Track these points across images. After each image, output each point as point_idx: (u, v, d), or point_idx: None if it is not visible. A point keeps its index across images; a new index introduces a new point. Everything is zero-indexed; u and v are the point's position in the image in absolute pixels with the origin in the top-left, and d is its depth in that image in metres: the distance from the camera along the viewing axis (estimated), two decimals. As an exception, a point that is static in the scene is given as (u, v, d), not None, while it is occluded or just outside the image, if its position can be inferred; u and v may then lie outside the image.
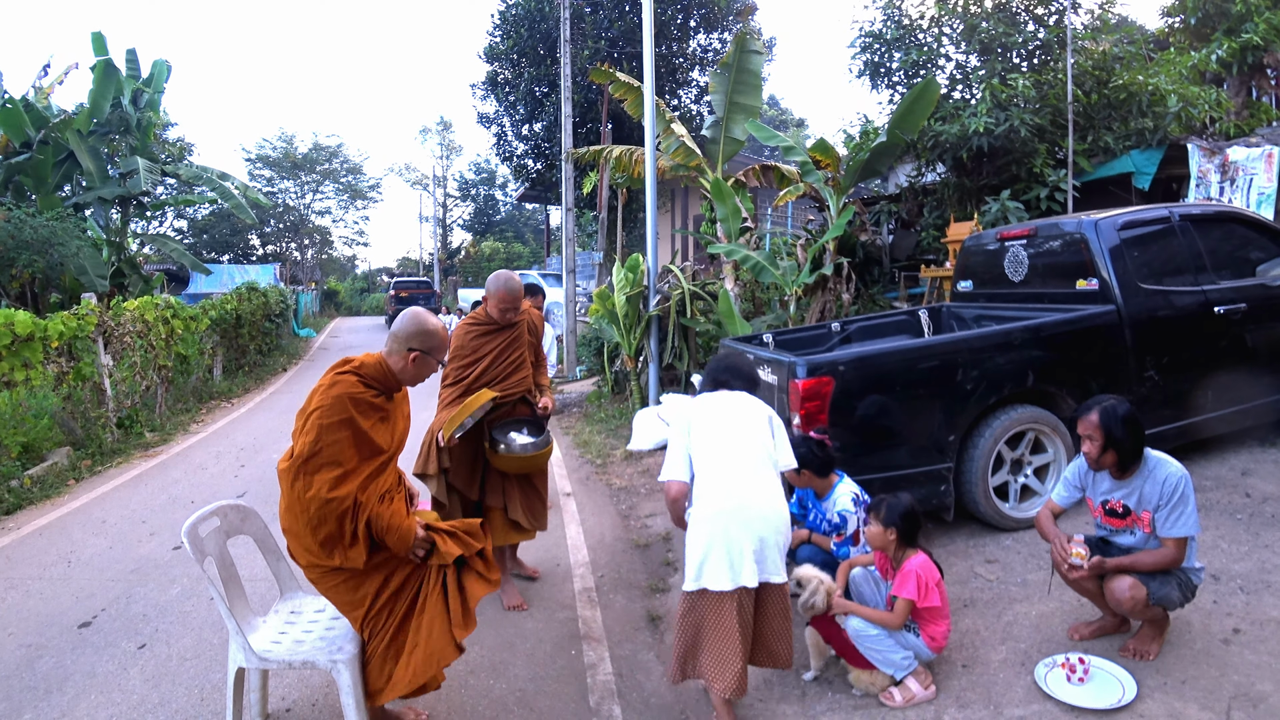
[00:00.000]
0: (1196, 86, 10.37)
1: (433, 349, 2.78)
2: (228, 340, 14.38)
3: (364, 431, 2.59)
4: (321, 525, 2.53)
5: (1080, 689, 2.83)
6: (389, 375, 2.73)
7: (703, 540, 2.75)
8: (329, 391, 2.57)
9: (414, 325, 2.76)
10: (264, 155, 41.46)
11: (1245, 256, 5.22)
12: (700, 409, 3.02)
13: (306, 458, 2.50)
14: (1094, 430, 2.95)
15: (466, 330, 4.13)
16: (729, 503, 2.75)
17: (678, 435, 2.97)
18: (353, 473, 2.55)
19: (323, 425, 2.51)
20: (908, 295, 10.51)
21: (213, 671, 3.53)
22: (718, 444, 2.89)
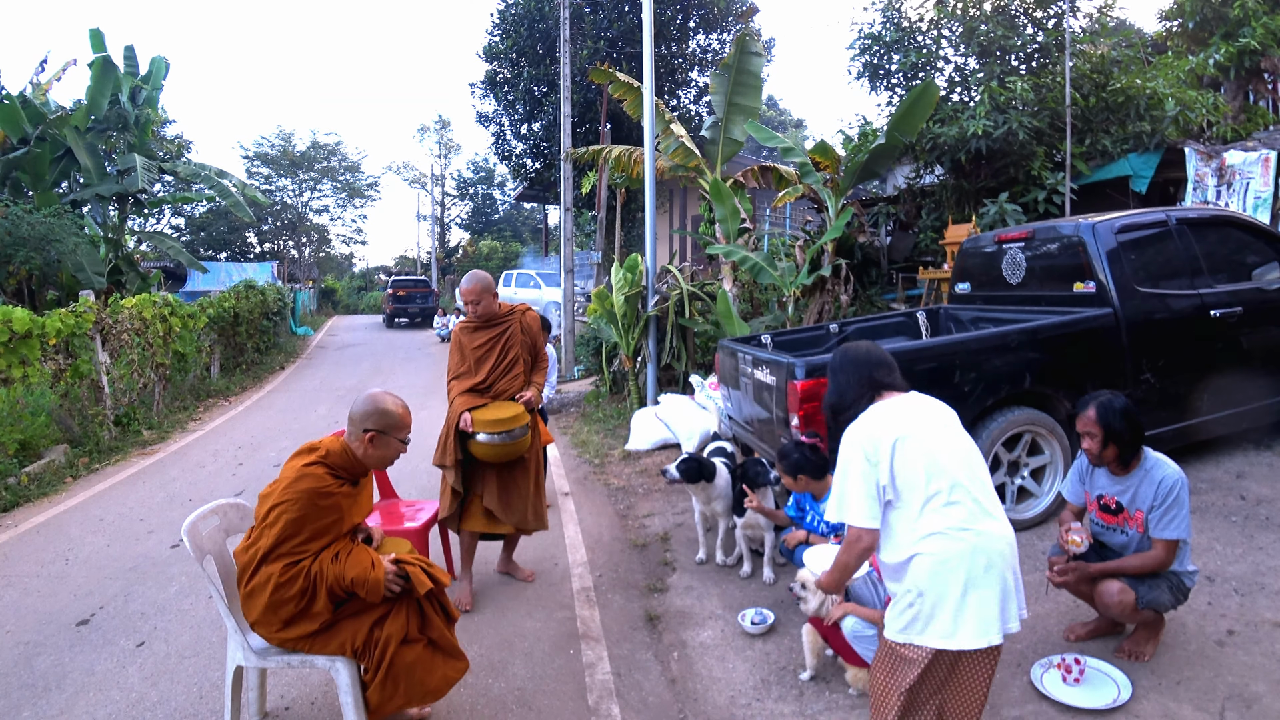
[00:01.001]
0: (1194, 90, 10.41)
1: (388, 427, 2.72)
2: (225, 338, 14.37)
3: (329, 524, 2.63)
4: (283, 606, 2.57)
5: (1076, 689, 2.85)
6: (354, 461, 2.72)
7: (939, 584, 2.17)
8: (295, 485, 2.57)
9: (368, 405, 2.73)
10: (262, 153, 41.39)
11: (1241, 260, 5.24)
12: (883, 426, 2.34)
13: (270, 550, 2.55)
14: (1093, 426, 2.97)
15: (460, 328, 4.24)
16: (973, 539, 2.18)
17: (856, 466, 2.30)
18: (313, 553, 2.61)
19: (289, 521, 2.54)
20: (905, 297, 10.53)
21: (211, 669, 3.53)
22: (934, 465, 2.25)
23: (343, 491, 2.67)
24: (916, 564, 2.21)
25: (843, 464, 2.35)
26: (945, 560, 2.17)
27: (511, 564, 4.46)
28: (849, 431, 2.39)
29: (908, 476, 2.24)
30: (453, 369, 4.21)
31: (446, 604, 2.84)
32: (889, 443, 2.27)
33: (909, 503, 2.24)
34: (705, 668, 3.39)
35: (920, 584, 2.19)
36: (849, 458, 2.33)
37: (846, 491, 2.31)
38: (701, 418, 6.79)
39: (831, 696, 3.05)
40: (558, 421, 8.98)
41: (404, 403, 2.84)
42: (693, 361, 8.61)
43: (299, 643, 2.65)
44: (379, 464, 2.78)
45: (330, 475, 2.64)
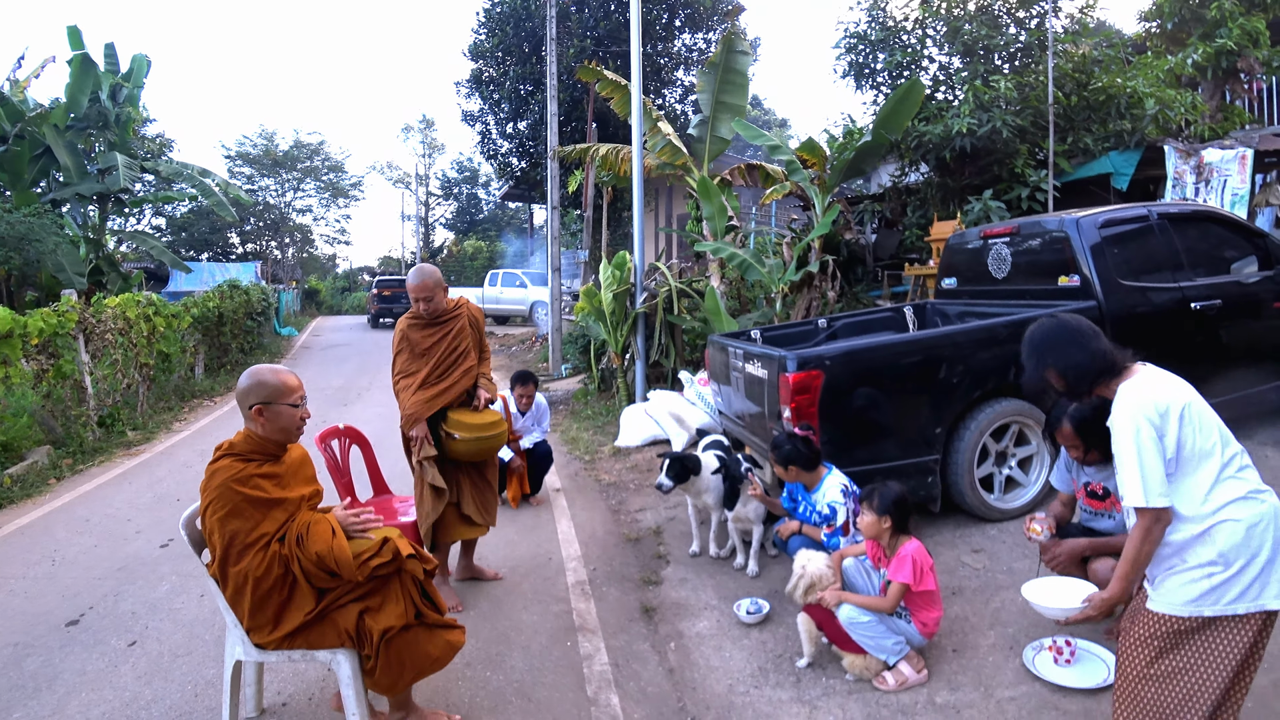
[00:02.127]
0: (1173, 90, 10.57)
1: (272, 396, 2.68)
2: (210, 338, 14.25)
3: (262, 499, 2.60)
4: (268, 600, 2.58)
5: (1067, 670, 2.92)
6: (260, 441, 2.70)
7: (1253, 548, 2.05)
8: (210, 484, 2.57)
9: (247, 381, 2.71)
10: (244, 152, 41.04)
11: (1221, 254, 5.35)
12: (1166, 394, 2.15)
13: (224, 555, 2.56)
14: (1072, 439, 3.08)
15: (408, 325, 4.07)
16: (1272, 500, 2.12)
17: (1149, 443, 2.09)
18: (271, 534, 2.60)
19: (222, 519, 2.54)
20: (891, 294, 10.62)
21: (206, 667, 3.51)
22: (1224, 430, 2.17)
23: (262, 472, 2.64)
24: (1220, 532, 2.07)
25: (1132, 444, 2.10)
26: (1255, 524, 2.05)
27: (474, 567, 4.38)
28: (1125, 407, 2.17)
29: (1200, 444, 2.11)
30: (401, 368, 4.02)
31: (434, 594, 2.83)
32: (1177, 411, 2.11)
33: (1202, 470, 2.11)
34: (702, 657, 3.42)
35: (1227, 552, 2.05)
36: (1139, 435, 2.09)
37: (1148, 472, 2.07)
38: (691, 413, 6.83)
39: (829, 682, 3.10)
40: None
41: (286, 370, 2.80)
42: (681, 358, 8.64)
43: (295, 639, 2.65)
44: (283, 435, 2.73)
45: (240, 460, 2.62)
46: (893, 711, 2.87)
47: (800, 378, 3.99)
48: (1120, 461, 2.15)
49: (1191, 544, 2.09)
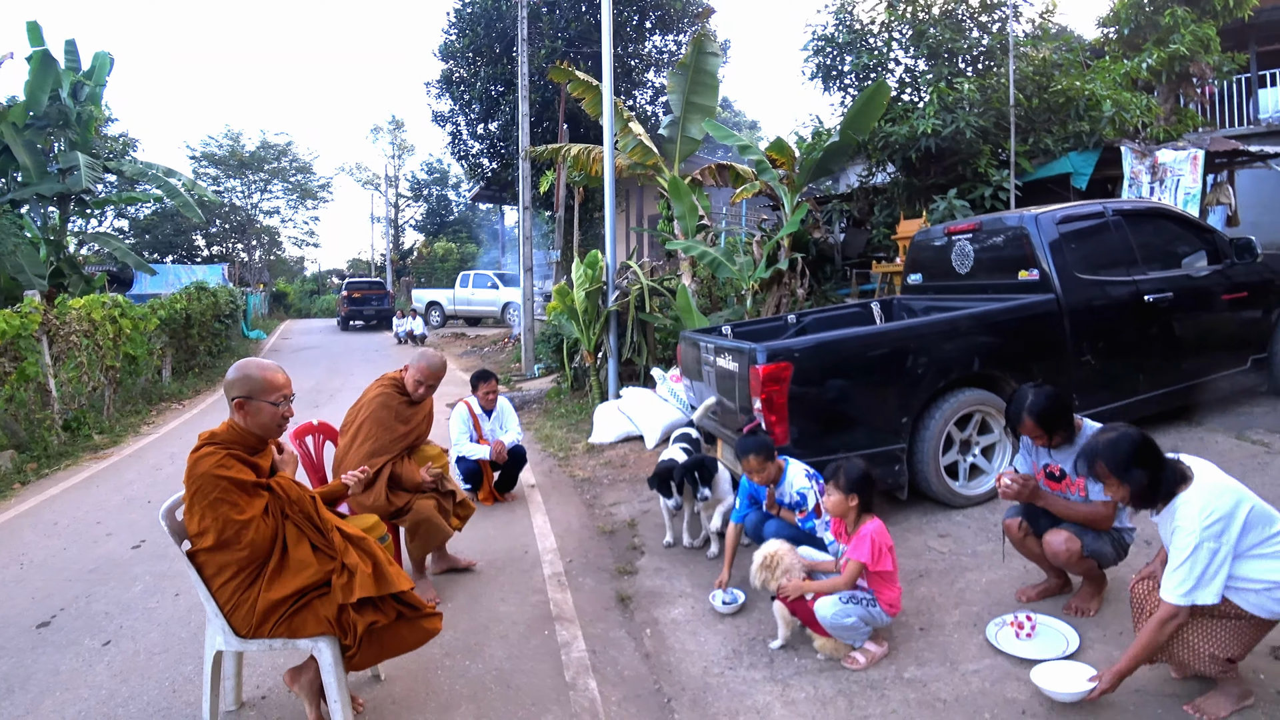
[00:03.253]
0: (1129, 93, 10.89)
1: (254, 392, 2.71)
2: (177, 341, 14.05)
3: (248, 483, 2.63)
4: (255, 549, 2.63)
5: (1028, 643, 3.05)
6: (242, 433, 2.73)
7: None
8: (194, 472, 2.59)
9: (233, 375, 2.74)
10: (210, 153, 40.42)
11: (1173, 250, 5.57)
12: (1219, 502, 2.40)
13: (219, 535, 2.58)
14: (1035, 430, 3.19)
15: (399, 401, 4.12)
16: None
17: (1205, 549, 2.37)
18: (261, 514, 2.64)
19: (208, 506, 2.56)
20: (859, 291, 10.81)
21: (183, 664, 3.51)
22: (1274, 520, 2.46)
23: (248, 460, 2.68)
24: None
25: (1189, 548, 2.37)
26: None
27: (449, 557, 4.41)
28: (1190, 516, 2.40)
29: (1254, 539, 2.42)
30: (373, 436, 4.00)
31: (414, 601, 2.84)
32: (1241, 517, 2.39)
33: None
34: (678, 642, 3.50)
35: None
36: (1200, 546, 2.37)
37: (1193, 575, 2.37)
38: (663, 410, 6.91)
39: (801, 662, 3.19)
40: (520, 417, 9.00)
41: (275, 366, 2.81)
42: (653, 355, 8.72)
43: (277, 627, 2.67)
44: (262, 430, 2.75)
45: (224, 450, 2.64)
46: (863, 687, 2.97)
47: (770, 369, 4.09)
48: (1175, 561, 2.41)
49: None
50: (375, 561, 2.77)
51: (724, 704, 2.98)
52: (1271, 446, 5.09)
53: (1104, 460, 2.53)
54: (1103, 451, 2.54)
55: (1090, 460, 2.59)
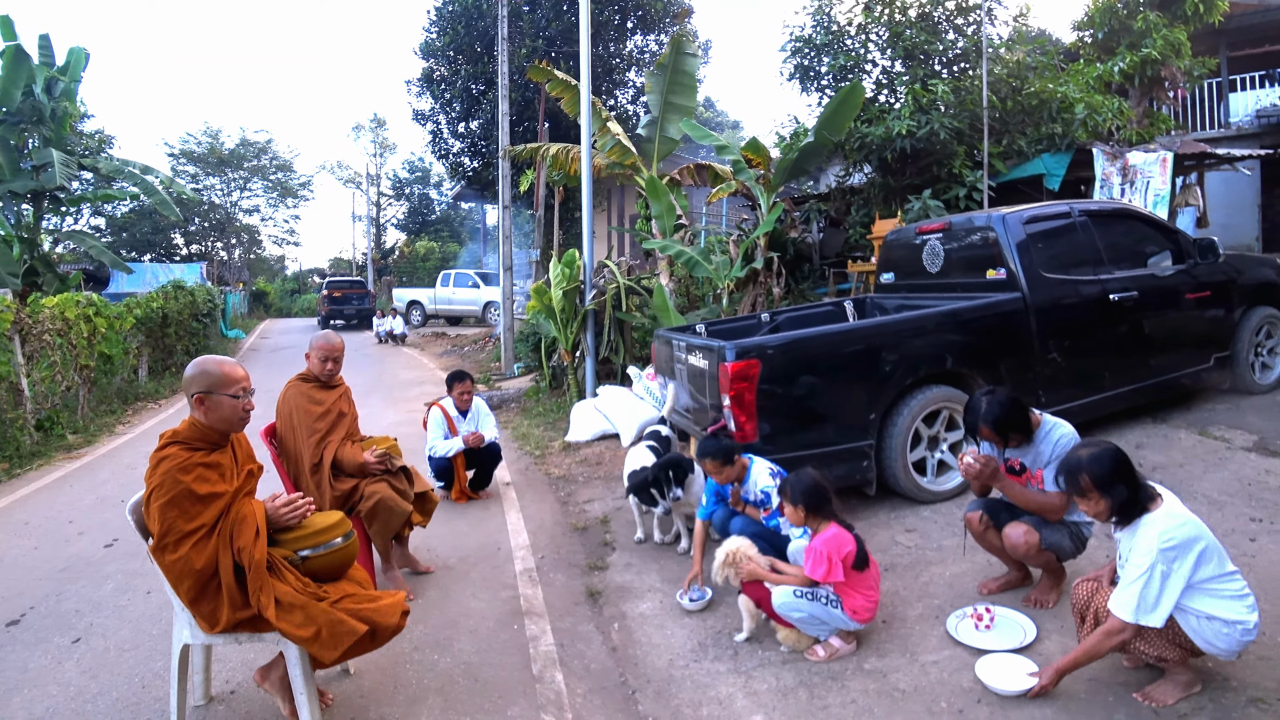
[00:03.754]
0: (1101, 96, 11.06)
1: (213, 386, 2.70)
2: (154, 340, 13.93)
3: (204, 495, 2.61)
4: (205, 589, 2.61)
5: (987, 634, 3.12)
6: (203, 430, 2.71)
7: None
8: (156, 471, 2.59)
9: (191, 370, 2.74)
10: (188, 150, 40.01)
11: (1138, 249, 5.68)
12: (1179, 532, 2.49)
13: (160, 543, 2.58)
14: (992, 436, 3.28)
15: (310, 386, 4.12)
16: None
17: (1158, 573, 2.46)
18: (208, 528, 2.62)
19: (162, 507, 2.55)
20: (837, 290, 10.92)
21: (154, 660, 3.51)
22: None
23: (207, 461, 2.67)
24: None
25: (1144, 571, 2.47)
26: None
27: (409, 557, 4.38)
28: (1149, 540, 2.49)
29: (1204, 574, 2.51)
30: (301, 424, 3.98)
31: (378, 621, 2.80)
32: (1201, 545, 2.49)
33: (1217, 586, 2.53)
34: (645, 635, 3.54)
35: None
36: (1153, 569, 2.46)
37: (1145, 598, 2.46)
38: (639, 408, 6.95)
39: (764, 654, 3.24)
40: (499, 416, 9.03)
41: (231, 361, 2.81)
42: (630, 354, 8.76)
43: (242, 624, 2.69)
44: (224, 425, 2.74)
45: (184, 449, 2.64)
46: (824, 678, 3.02)
47: (739, 367, 4.14)
48: (1129, 578, 2.52)
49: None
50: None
51: (687, 695, 3.03)
52: (1232, 442, 5.21)
53: (1088, 474, 2.60)
54: (1088, 466, 2.61)
55: (1073, 473, 2.64)
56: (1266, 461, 4.87)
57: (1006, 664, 2.90)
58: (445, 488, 5.71)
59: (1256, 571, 3.56)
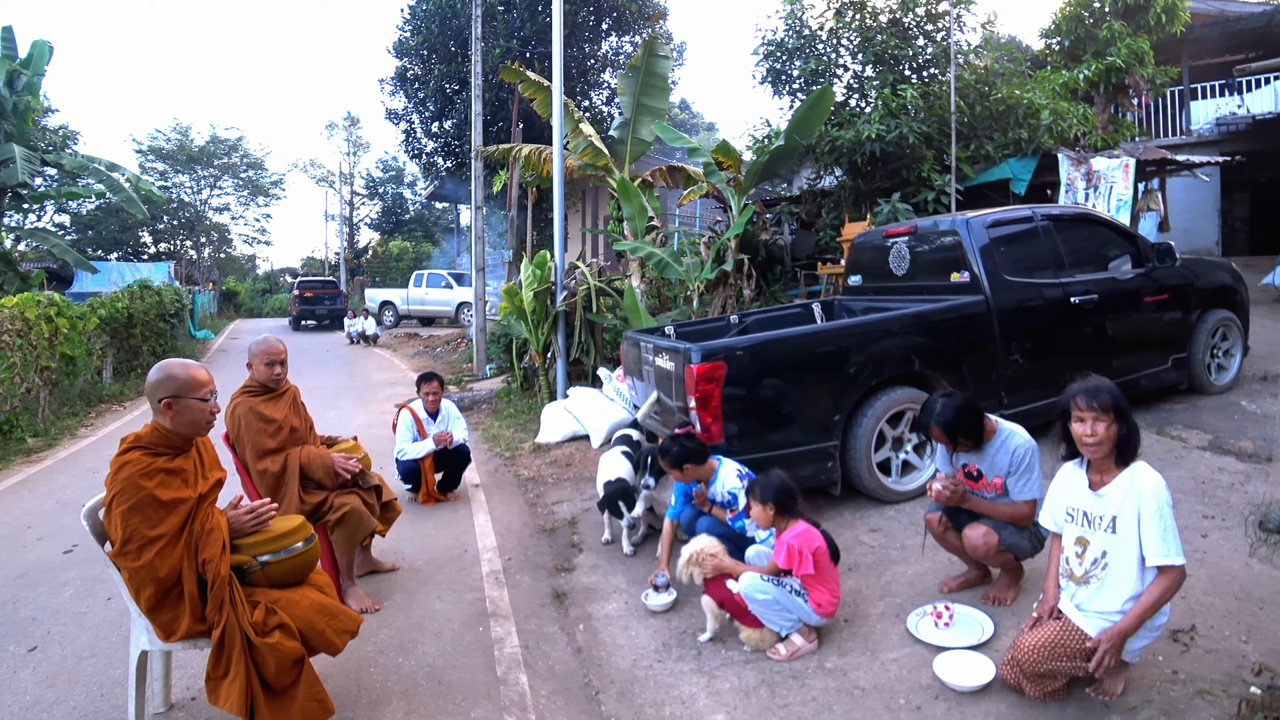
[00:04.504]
0: (1067, 102, 11.27)
1: (181, 390, 2.66)
2: (119, 341, 13.67)
3: (168, 501, 2.57)
4: (166, 599, 2.58)
5: (946, 632, 3.18)
6: (167, 435, 2.68)
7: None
8: (118, 476, 2.55)
9: (156, 375, 2.70)
10: (156, 147, 39.23)
11: (1099, 253, 5.80)
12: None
13: (122, 550, 2.53)
14: (941, 437, 3.34)
15: (260, 400, 3.96)
16: None
17: (1171, 510, 2.57)
18: (172, 536, 2.57)
19: (124, 513, 2.51)
20: (808, 292, 11.00)
21: (113, 668, 3.45)
22: None
23: (170, 466, 2.63)
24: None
25: (1167, 509, 2.54)
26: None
27: (374, 560, 4.38)
28: (1157, 479, 2.58)
29: None
30: (260, 445, 3.84)
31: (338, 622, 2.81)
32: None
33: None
34: (610, 636, 3.56)
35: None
36: (1171, 505, 2.55)
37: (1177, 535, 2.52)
38: (609, 409, 6.96)
39: (728, 654, 3.27)
40: (469, 418, 8.99)
41: (196, 364, 2.78)
42: (601, 356, 8.77)
43: (201, 634, 2.66)
44: (191, 429, 2.71)
45: (148, 454, 2.60)
46: (785, 676, 3.06)
47: (704, 369, 4.17)
48: (1154, 522, 2.51)
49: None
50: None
51: (651, 695, 3.05)
52: (1189, 442, 5.34)
53: (1110, 393, 2.64)
54: (1111, 387, 2.66)
55: (1097, 391, 2.66)
56: (1220, 460, 4.99)
57: (963, 660, 2.96)
58: (413, 490, 5.68)
59: (1207, 566, 3.66)
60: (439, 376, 5.85)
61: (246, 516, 2.78)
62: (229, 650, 2.54)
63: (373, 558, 4.39)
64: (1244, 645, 2.98)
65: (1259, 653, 2.91)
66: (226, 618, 2.55)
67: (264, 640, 2.55)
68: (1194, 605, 3.31)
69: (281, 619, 2.62)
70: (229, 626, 2.55)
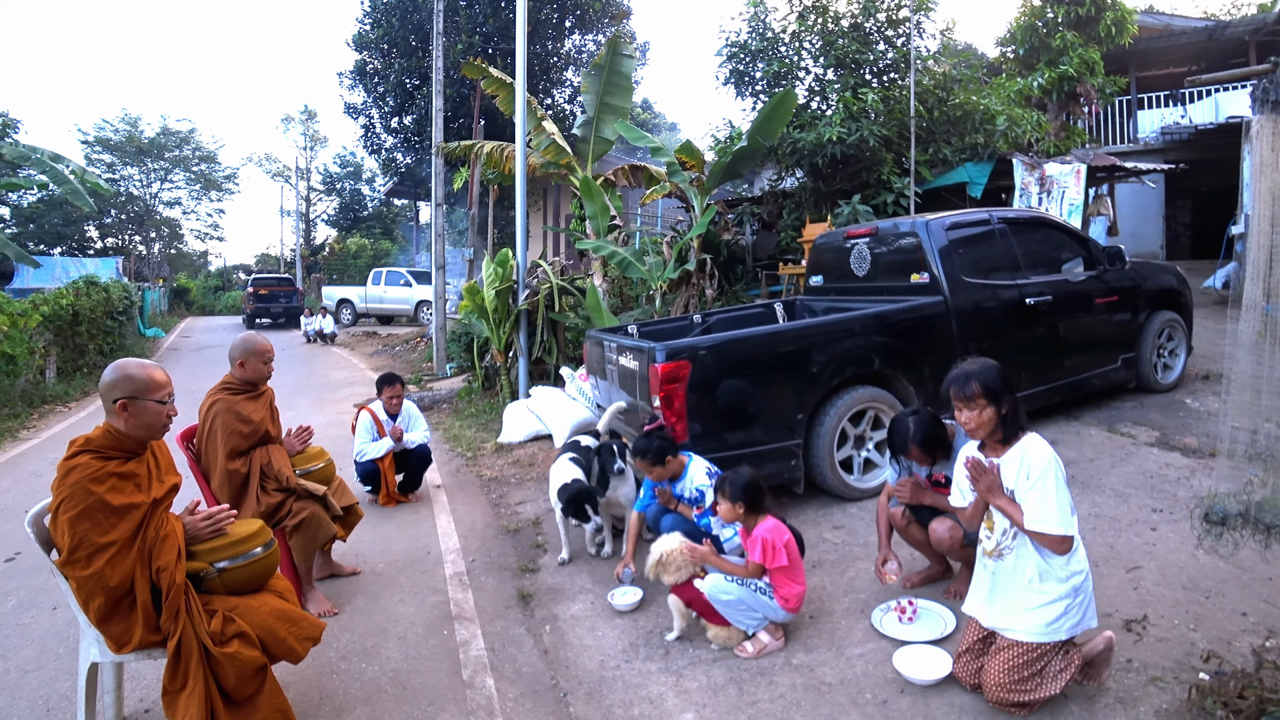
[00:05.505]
0: (1021, 109, 11.55)
1: (138, 391, 2.57)
2: (63, 339, 13.21)
3: (119, 506, 2.47)
4: (117, 609, 2.48)
5: (910, 626, 3.23)
6: (120, 438, 2.58)
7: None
8: (64, 481, 2.44)
9: (112, 374, 2.60)
10: (104, 138, 38.04)
11: (1053, 256, 5.96)
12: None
13: (70, 558, 2.42)
14: (920, 456, 3.36)
15: (241, 398, 3.86)
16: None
17: (1062, 480, 2.65)
18: (124, 543, 2.47)
19: (72, 520, 2.40)
20: (769, 292, 11.10)
21: (60, 681, 3.33)
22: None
23: (122, 470, 2.53)
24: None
25: (1054, 480, 2.59)
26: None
27: (334, 564, 4.30)
28: (1045, 451, 2.65)
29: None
30: (233, 445, 3.73)
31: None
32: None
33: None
34: (576, 637, 3.53)
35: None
36: (1060, 476, 2.62)
37: (1063, 502, 2.58)
38: (572, 408, 6.93)
39: (695, 653, 3.27)
40: (429, 418, 8.87)
41: (154, 365, 2.69)
42: (564, 355, 8.74)
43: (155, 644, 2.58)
44: (146, 432, 2.62)
45: (98, 458, 2.50)
46: (753, 674, 3.07)
47: (669, 368, 4.17)
48: (1038, 490, 2.60)
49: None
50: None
51: (619, 695, 3.03)
52: (1137, 438, 5.50)
53: (978, 381, 2.71)
54: (978, 373, 2.73)
55: (963, 381, 2.74)
56: (1167, 455, 5.16)
57: (921, 655, 3.01)
58: (373, 491, 5.59)
59: (1157, 558, 3.77)
60: (400, 379, 5.75)
61: (203, 522, 2.70)
62: (186, 661, 2.46)
63: (333, 561, 4.31)
64: (1192, 633, 3.08)
65: (1206, 640, 3.01)
66: (183, 628, 2.46)
67: (222, 650, 2.47)
68: (1145, 595, 3.41)
69: (241, 627, 2.54)
70: (185, 637, 2.46)
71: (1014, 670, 2.60)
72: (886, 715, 2.75)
